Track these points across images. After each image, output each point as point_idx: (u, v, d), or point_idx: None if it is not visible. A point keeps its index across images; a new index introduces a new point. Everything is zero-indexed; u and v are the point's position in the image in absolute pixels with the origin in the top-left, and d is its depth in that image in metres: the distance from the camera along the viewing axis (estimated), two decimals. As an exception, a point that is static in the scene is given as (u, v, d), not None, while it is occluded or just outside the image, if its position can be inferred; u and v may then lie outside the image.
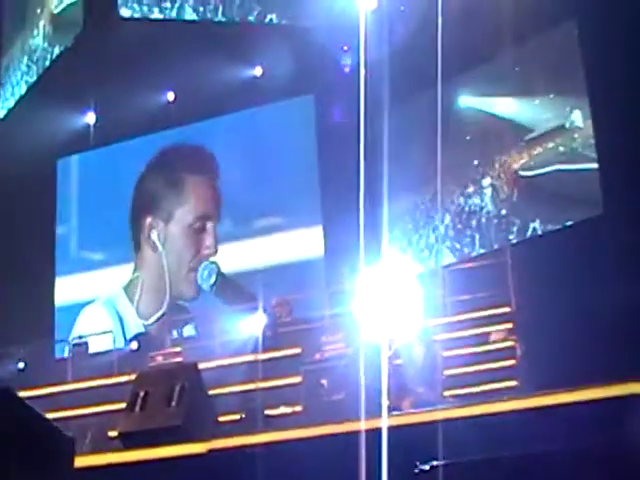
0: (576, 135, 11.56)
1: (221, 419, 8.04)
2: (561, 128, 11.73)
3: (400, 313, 7.97)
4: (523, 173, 12.01)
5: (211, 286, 13.88)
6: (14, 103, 15.31)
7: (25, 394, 6.80)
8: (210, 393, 7.65)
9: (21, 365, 11.20)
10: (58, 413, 8.58)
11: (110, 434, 8.41)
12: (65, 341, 12.48)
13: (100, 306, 14.51)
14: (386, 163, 8.60)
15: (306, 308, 10.84)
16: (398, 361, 7.83)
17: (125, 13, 14.25)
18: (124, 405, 7.29)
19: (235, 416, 8.64)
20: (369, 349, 7.25)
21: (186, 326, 13.36)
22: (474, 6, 11.51)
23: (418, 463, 5.69)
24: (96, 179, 15.23)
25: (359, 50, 8.33)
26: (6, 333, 12.30)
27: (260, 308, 10.09)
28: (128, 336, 13.40)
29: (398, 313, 7.94)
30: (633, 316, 8.53)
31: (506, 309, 9.53)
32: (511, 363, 8.94)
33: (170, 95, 14.91)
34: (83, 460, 6.04)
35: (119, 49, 13.35)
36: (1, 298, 13.87)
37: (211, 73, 13.73)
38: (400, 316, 7.95)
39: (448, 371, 8.45)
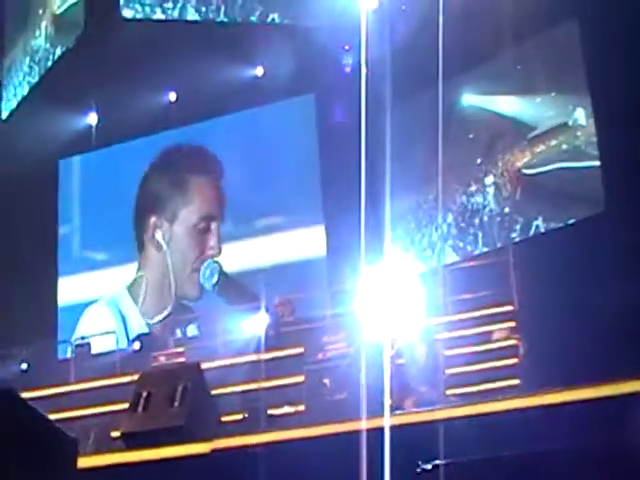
0: (579, 133, 11.53)
1: (224, 419, 8.04)
2: (564, 126, 11.71)
3: (402, 312, 7.97)
4: (526, 171, 11.99)
5: (213, 285, 13.87)
6: (16, 104, 15.30)
7: (28, 395, 6.82)
8: (213, 393, 7.66)
9: (24, 366, 11.18)
10: (61, 414, 8.57)
11: (113, 434, 8.41)
12: (68, 342, 12.47)
13: (103, 306, 14.51)
14: (388, 162, 8.59)
15: (308, 308, 10.84)
16: (400, 360, 7.83)
17: (127, 14, 14.20)
18: (127, 405, 7.30)
19: (238, 416, 8.65)
20: (371, 348, 7.25)
21: (189, 326, 13.36)
22: (475, 5, 11.50)
23: (420, 462, 5.69)
24: (98, 180, 15.23)
25: (360, 49, 8.34)
26: (9, 334, 12.29)
27: (262, 308, 10.08)
28: (131, 336, 13.37)
29: (400, 312, 7.95)
30: (635, 315, 8.52)
31: (508, 308, 9.52)
32: (513, 362, 8.93)
33: (172, 95, 14.92)
34: (86, 461, 6.04)
35: (121, 50, 13.33)
36: (4, 299, 13.86)
37: (212, 73, 13.71)
38: (402, 315, 7.96)
39: (450, 370, 8.46)
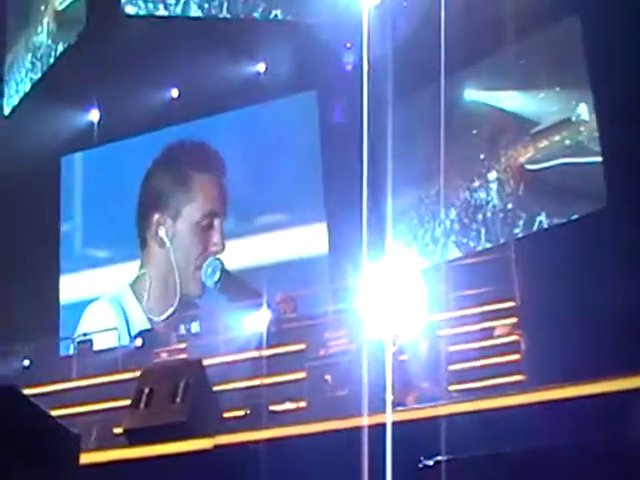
0: (582, 128, 11.49)
1: (226, 415, 8.03)
2: (567, 121, 11.66)
3: (404, 309, 7.97)
4: (529, 167, 11.96)
5: (215, 283, 13.86)
6: (18, 100, 15.29)
7: (30, 392, 6.83)
8: (215, 389, 7.66)
9: (26, 363, 11.19)
10: (63, 410, 8.62)
11: (115, 431, 8.42)
12: (70, 338, 12.47)
13: (105, 303, 14.50)
14: (390, 159, 8.60)
15: (310, 304, 10.84)
16: (402, 357, 7.83)
17: (130, 10, 14.17)
18: (129, 402, 7.30)
19: (240, 412, 8.66)
20: (373, 345, 7.25)
21: (194, 322, 13.35)
22: (477, 0, 11.48)
23: (422, 458, 5.68)
24: (100, 176, 15.22)
25: (362, 46, 8.33)
26: (11, 331, 12.30)
27: (264, 304, 10.10)
28: (133, 333, 13.38)
29: (402, 308, 7.94)
30: (638, 310, 8.51)
31: (511, 304, 9.52)
32: (515, 358, 8.93)
33: (174, 92, 14.91)
34: (88, 457, 6.02)
35: (123, 46, 13.30)
36: (5, 296, 13.86)
37: (214, 70, 13.70)
38: (404, 311, 7.95)
39: (452, 366, 8.46)
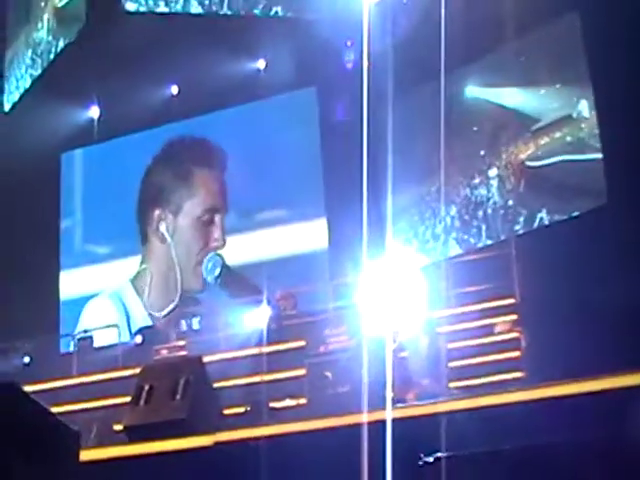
0: (583, 125, 11.48)
1: (226, 412, 8.05)
2: (568, 118, 11.66)
3: (404, 305, 7.97)
4: (530, 163, 11.95)
5: (216, 278, 13.86)
6: (19, 96, 15.29)
7: (30, 388, 6.81)
8: (215, 386, 7.66)
9: (26, 359, 11.18)
10: (63, 407, 8.59)
11: (115, 428, 8.42)
12: (70, 335, 12.46)
13: (106, 299, 14.50)
14: (390, 155, 8.59)
15: (310, 301, 10.84)
16: (403, 353, 7.83)
17: (130, 7, 14.16)
18: (129, 399, 7.30)
19: (240, 409, 8.66)
20: (373, 341, 7.25)
21: (195, 318, 13.34)
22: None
23: (422, 455, 5.68)
24: (100, 173, 15.22)
25: (362, 43, 8.32)
26: (11, 328, 12.30)
27: (264, 301, 10.09)
28: (134, 329, 13.38)
29: (402, 305, 7.94)
30: (638, 307, 8.51)
31: (511, 300, 9.51)
32: (516, 354, 8.92)
33: (174, 89, 14.91)
34: (88, 454, 6.04)
35: (123, 43, 13.31)
36: (5, 293, 13.86)
37: (214, 66, 13.69)
38: (404, 308, 7.95)
39: (453, 363, 8.45)
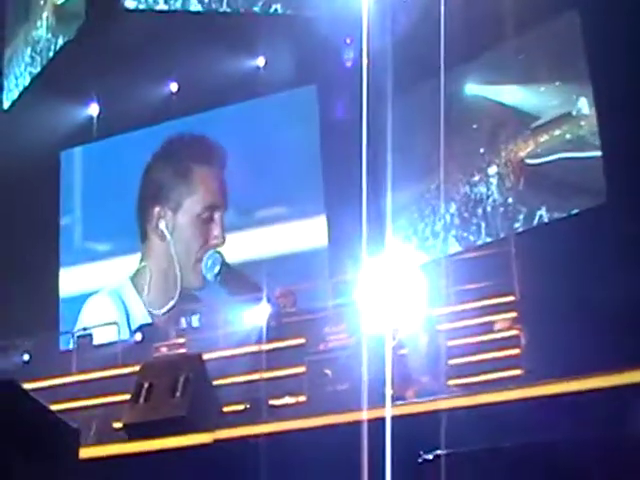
0: (582, 122, 11.47)
1: (225, 409, 8.04)
2: (567, 115, 11.64)
3: (404, 303, 7.97)
4: (529, 161, 11.94)
5: (215, 275, 13.84)
6: (18, 94, 15.28)
7: (30, 386, 6.81)
8: (214, 384, 7.67)
9: (26, 357, 11.17)
10: (63, 405, 8.59)
11: (115, 425, 8.43)
12: (70, 333, 12.46)
13: (105, 296, 14.48)
14: (389, 153, 8.59)
15: (310, 298, 10.83)
16: (402, 351, 7.83)
17: (130, 4, 14.15)
18: (128, 396, 7.31)
19: (239, 406, 8.65)
20: (373, 339, 7.25)
21: (194, 315, 13.34)
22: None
23: (422, 452, 5.69)
24: (100, 171, 15.21)
25: (362, 40, 8.32)
26: (11, 325, 12.30)
27: (264, 298, 10.09)
28: (134, 326, 13.37)
29: (402, 303, 7.95)
30: (637, 305, 8.51)
31: (510, 298, 9.51)
32: (515, 352, 8.93)
33: (173, 86, 14.89)
34: (88, 451, 6.03)
35: (122, 40, 13.29)
36: (5, 290, 13.86)
37: (213, 64, 13.66)
38: (404, 306, 7.96)
39: (452, 360, 8.46)
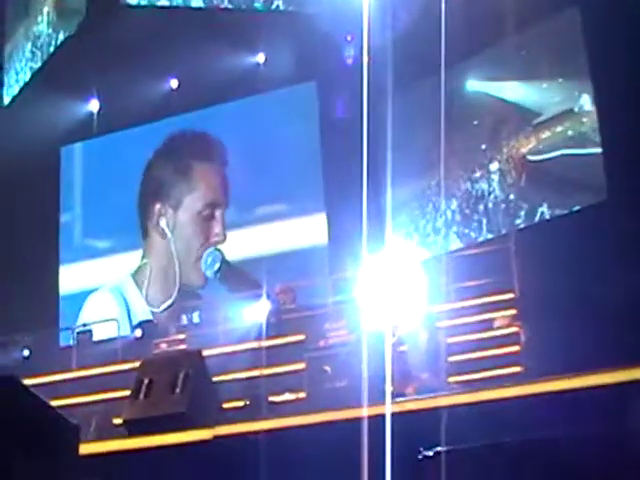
0: (584, 119, 11.45)
1: (225, 406, 8.05)
2: (569, 112, 11.62)
3: (404, 300, 7.97)
4: (531, 157, 11.93)
5: (215, 273, 13.84)
6: (18, 90, 15.27)
7: (30, 382, 6.82)
8: (214, 380, 7.68)
9: (26, 353, 11.18)
10: (63, 401, 8.60)
11: (115, 421, 8.43)
12: (70, 329, 12.46)
13: (107, 293, 14.48)
14: (389, 150, 8.58)
15: (310, 295, 10.84)
16: (402, 348, 7.83)
17: (131, 0, 14.16)
18: (128, 392, 7.31)
19: (239, 403, 8.67)
20: (373, 336, 7.25)
21: (195, 312, 13.34)
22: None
23: (422, 449, 5.69)
24: (100, 167, 15.20)
25: (362, 37, 8.31)
26: (11, 321, 12.31)
27: (264, 295, 10.10)
28: (135, 323, 13.38)
29: (402, 300, 7.95)
30: (637, 303, 8.51)
31: (510, 295, 9.51)
32: (515, 349, 8.93)
33: (173, 82, 14.89)
34: (88, 447, 6.05)
35: (123, 36, 13.29)
36: (5, 286, 13.86)
37: (214, 60, 13.66)
38: (404, 302, 7.96)
39: (452, 357, 8.46)
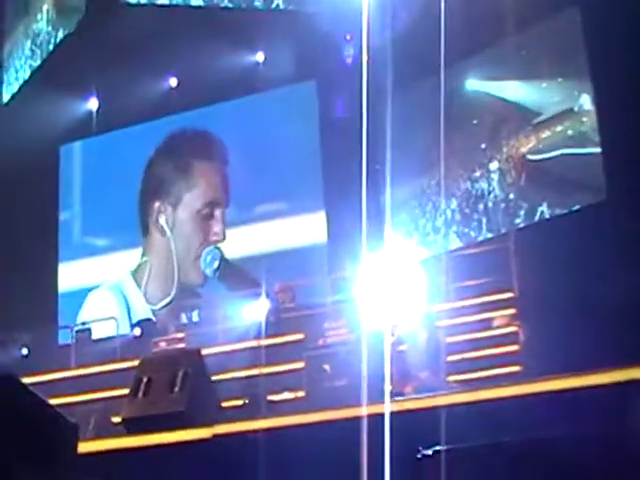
0: (584, 119, 11.45)
1: (224, 405, 8.05)
2: (569, 111, 11.62)
3: (403, 299, 7.98)
4: (531, 157, 11.93)
5: (214, 271, 13.84)
6: (18, 87, 15.26)
7: (28, 380, 6.81)
8: (213, 379, 7.66)
9: (24, 351, 11.19)
10: (61, 399, 8.59)
11: (113, 420, 8.43)
12: (69, 327, 12.46)
13: (106, 291, 14.48)
14: (389, 149, 8.58)
15: (309, 294, 10.85)
16: (401, 347, 7.83)
17: (132, -2, 14.18)
18: (127, 391, 7.31)
19: (238, 402, 8.67)
20: (372, 335, 7.25)
21: (194, 311, 13.34)
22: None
23: (421, 448, 5.69)
24: (99, 165, 15.20)
25: (362, 37, 8.31)
26: (9, 319, 12.31)
27: (263, 294, 10.10)
28: (135, 321, 13.39)
29: (401, 299, 7.95)
30: (636, 302, 8.51)
31: (510, 294, 9.52)
32: (514, 348, 8.93)
33: (173, 81, 14.88)
34: (86, 446, 6.04)
35: (122, 35, 13.28)
36: (4, 284, 13.86)
37: (213, 59, 13.65)
38: (403, 302, 7.96)
39: (451, 356, 8.46)
